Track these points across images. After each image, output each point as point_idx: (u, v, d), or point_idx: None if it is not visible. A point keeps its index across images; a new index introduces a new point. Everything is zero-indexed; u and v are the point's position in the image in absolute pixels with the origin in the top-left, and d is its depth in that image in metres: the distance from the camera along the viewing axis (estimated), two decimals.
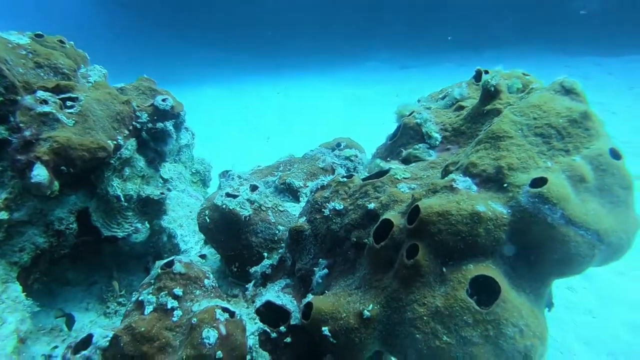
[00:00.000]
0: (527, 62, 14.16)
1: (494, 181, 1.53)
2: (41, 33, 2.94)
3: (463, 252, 1.45)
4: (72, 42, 3.17)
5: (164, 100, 2.69)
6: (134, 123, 2.59)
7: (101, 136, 2.35)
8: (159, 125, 2.69)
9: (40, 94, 2.31)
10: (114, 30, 23.71)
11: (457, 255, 1.46)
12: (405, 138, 2.09)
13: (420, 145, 2.02)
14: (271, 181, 2.77)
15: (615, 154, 1.51)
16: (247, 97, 13.32)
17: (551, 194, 1.38)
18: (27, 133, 2.13)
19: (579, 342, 3.79)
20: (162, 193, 2.64)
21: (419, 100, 2.54)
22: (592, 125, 1.57)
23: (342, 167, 2.76)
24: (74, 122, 2.28)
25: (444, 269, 1.46)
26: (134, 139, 2.62)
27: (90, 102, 2.39)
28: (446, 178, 1.61)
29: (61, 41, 2.95)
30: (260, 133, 10.33)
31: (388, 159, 2.14)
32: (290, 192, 2.63)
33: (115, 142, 2.44)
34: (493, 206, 1.45)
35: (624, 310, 3.98)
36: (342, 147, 3.41)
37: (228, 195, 2.22)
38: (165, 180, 3.24)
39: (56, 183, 2.17)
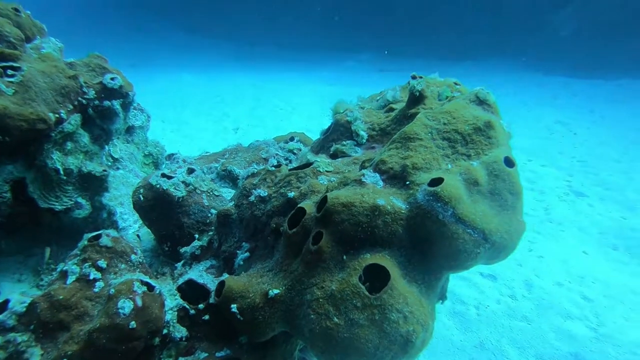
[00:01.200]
0: (502, 76, 14.57)
1: (399, 178, 1.64)
2: None
3: (362, 242, 1.56)
4: (29, 12, 3.16)
5: (112, 79, 2.72)
6: (79, 99, 2.61)
7: (42, 108, 2.37)
8: (106, 103, 2.72)
9: None
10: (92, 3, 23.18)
11: (358, 244, 1.56)
12: (336, 134, 2.20)
13: (348, 142, 2.13)
14: (214, 167, 2.84)
15: (509, 162, 1.65)
16: (223, 86, 13.26)
17: (444, 193, 1.50)
18: None
19: (512, 346, 4.01)
20: (104, 170, 2.68)
21: (358, 98, 2.65)
22: (494, 135, 1.70)
23: (284, 160, 2.85)
24: (13, 91, 2.30)
25: (344, 257, 1.56)
26: (79, 114, 2.64)
27: (34, 74, 2.40)
28: (357, 172, 1.72)
29: (16, 9, 2.94)
30: (230, 123, 10.32)
31: (319, 153, 2.24)
32: (230, 179, 2.70)
33: (57, 115, 2.46)
34: (393, 201, 1.56)
35: (557, 318, 4.23)
36: (294, 140, 3.50)
37: (163, 175, 2.28)
38: (115, 160, 3.26)
39: None
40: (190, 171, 2.37)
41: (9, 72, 2.35)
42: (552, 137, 9.50)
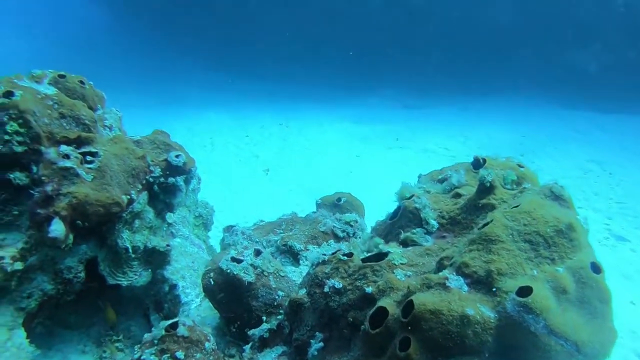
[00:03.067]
0: (525, 111, 14.53)
1: (483, 283, 1.66)
2: (64, 73, 3.10)
3: (451, 350, 1.57)
4: (91, 83, 3.34)
5: (177, 156, 2.83)
6: (147, 177, 2.73)
7: (116, 191, 2.48)
8: (171, 180, 2.82)
9: (64, 148, 2.44)
10: (123, 44, 24.13)
11: (446, 352, 1.58)
12: (404, 220, 2.23)
13: (418, 229, 2.16)
14: (273, 240, 2.90)
15: (596, 268, 1.65)
16: (249, 125, 13.50)
17: (535, 304, 1.51)
18: (48, 188, 2.25)
19: None
20: (167, 245, 2.76)
21: (419, 177, 2.70)
22: (576, 237, 1.71)
23: (341, 232, 2.90)
24: (92, 177, 2.41)
25: None
26: (145, 192, 2.75)
27: (109, 158, 2.52)
28: (440, 274, 1.74)
29: (81, 82, 3.12)
30: (260, 164, 10.46)
31: (386, 237, 2.27)
32: (290, 254, 2.75)
33: (128, 196, 2.57)
34: (482, 310, 1.58)
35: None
36: (342, 201, 3.56)
37: (233, 259, 2.34)
38: (169, 224, 3.35)
39: (71, 236, 2.29)
40: (257, 253, 2.42)
41: (88, 158, 2.47)
42: (586, 177, 9.37)
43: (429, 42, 18.24)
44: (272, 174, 10.03)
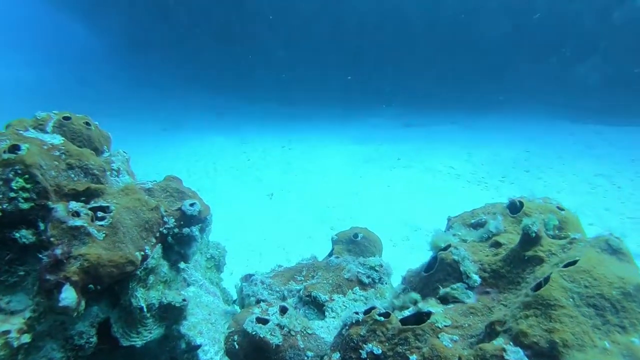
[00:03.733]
0: (531, 126, 14.44)
1: (547, 357, 1.49)
2: (68, 115, 2.97)
3: None
4: (96, 123, 3.21)
5: (191, 205, 2.68)
6: (161, 229, 2.57)
7: (130, 248, 2.32)
8: (185, 230, 2.66)
9: (73, 205, 2.29)
10: (122, 72, 24.17)
11: None
12: (442, 274, 2.07)
13: (459, 285, 2.00)
14: (295, 290, 2.73)
15: None
16: (251, 148, 13.41)
17: None
18: (58, 252, 2.09)
19: None
20: (184, 300, 2.59)
21: (448, 220, 2.54)
22: None
23: (367, 277, 2.73)
24: (104, 234, 2.25)
25: None
26: (159, 245, 2.59)
27: (121, 212, 2.37)
28: (495, 344, 1.57)
29: (87, 123, 2.99)
30: (264, 188, 10.32)
31: (422, 293, 2.11)
32: (315, 305, 2.58)
33: (142, 252, 2.40)
34: None
35: None
36: (359, 238, 3.42)
37: (258, 320, 2.16)
38: (179, 270, 3.18)
39: (83, 303, 2.12)
40: (283, 310, 2.25)
41: (99, 214, 2.32)
42: (595, 192, 9.23)
43: (428, 59, 18.28)
44: (276, 198, 9.88)
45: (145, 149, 12.80)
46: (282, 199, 9.75)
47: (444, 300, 2.02)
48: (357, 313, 2.04)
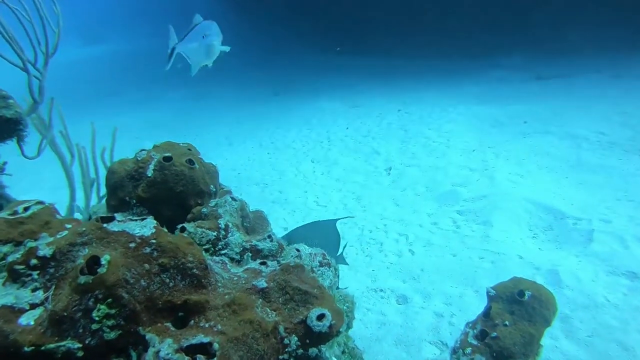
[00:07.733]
0: None
1: None
2: (169, 155, 2.61)
3: None
4: (199, 151, 2.84)
5: (320, 318, 2.13)
6: (279, 357, 2.11)
7: None
8: (312, 351, 2.17)
9: (164, 351, 1.90)
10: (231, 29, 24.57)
11: None
12: None
13: None
14: None
15: None
16: (365, 114, 12.84)
17: None
18: None
19: None
20: None
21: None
22: None
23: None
24: None
25: None
26: None
27: (227, 350, 1.92)
28: None
29: (190, 160, 2.63)
30: (381, 162, 9.82)
31: None
32: None
33: None
34: None
35: None
36: (526, 297, 2.82)
37: None
38: None
39: None
40: None
41: (199, 357, 1.89)
42: None
43: None
44: (395, 173, 9.34)
45: (256, 118, 12.96)
46: (402, 174, 9.17)
47: None
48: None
